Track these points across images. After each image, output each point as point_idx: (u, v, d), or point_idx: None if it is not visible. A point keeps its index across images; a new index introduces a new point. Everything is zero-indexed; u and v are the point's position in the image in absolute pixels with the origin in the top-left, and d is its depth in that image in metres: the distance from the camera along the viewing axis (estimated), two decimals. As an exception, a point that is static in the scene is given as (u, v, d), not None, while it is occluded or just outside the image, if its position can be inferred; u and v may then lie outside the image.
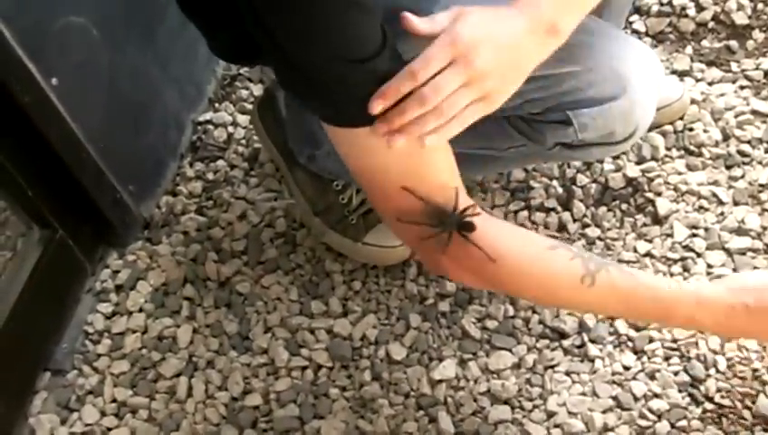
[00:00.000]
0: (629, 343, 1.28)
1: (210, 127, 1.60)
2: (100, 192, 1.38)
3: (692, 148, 1.45)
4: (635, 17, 1.62)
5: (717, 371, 1.25)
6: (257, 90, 1.63)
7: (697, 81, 1.54)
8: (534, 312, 1.32)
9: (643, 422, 1.22)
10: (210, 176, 1.54)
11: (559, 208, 1.41)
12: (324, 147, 1.23)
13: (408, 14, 0.90)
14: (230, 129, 1.59)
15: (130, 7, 1.38)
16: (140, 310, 1.41)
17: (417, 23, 0.90)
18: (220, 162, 1.55)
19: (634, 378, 1.25)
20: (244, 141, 1.57)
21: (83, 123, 1.30)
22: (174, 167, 1.55)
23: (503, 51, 0.90)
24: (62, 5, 1.24)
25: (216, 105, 1.63)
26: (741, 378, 1.24)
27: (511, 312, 1.32)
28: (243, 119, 1.60)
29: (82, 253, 1.43)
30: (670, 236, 1.36)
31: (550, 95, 1.04)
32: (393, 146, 0.91)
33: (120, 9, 1.36)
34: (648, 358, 1.27)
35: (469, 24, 0.89)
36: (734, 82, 1.53)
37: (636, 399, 1.24)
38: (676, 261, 1.35)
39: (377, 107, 0.89)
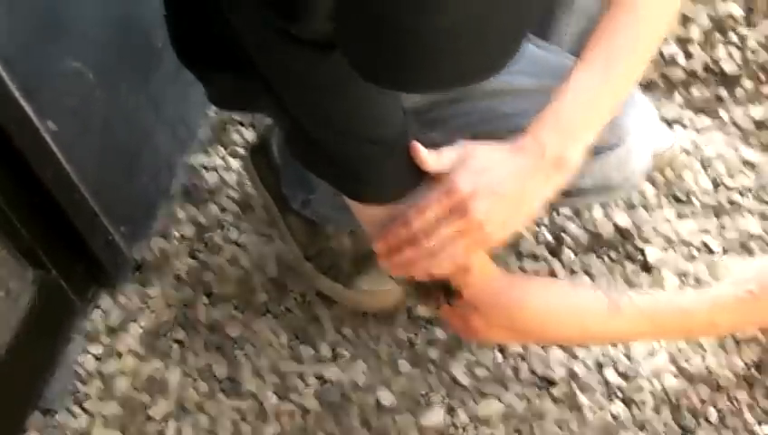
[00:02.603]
0: (619, 393, 1.28)
1: (202, 170, 1.60)
2: (93, 234, 1.39)
3: (681, 196, 1.46)
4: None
5: (708, 422, 1.25)
6: (249, 134, 1.63)
7: (687, 129, 1.54)
8: (523, 359, 1.32)
9: (632, 473, 1.22)
10: (202, 219, 1.54)
11: (548, 256, 1.42)
12: (318, 192, 1.24)
13: (417, 146, 0.92)
14: (222, 173, 1.59)
15: (126, 51, 1.40)
16: (131, 352, 1.41)
17: (425, 156, 0.92)
18: (212, 206, 1.55)
19: (624, 428, 1.25)
20: (235, 185, 1.57)
21: (78, 165, 1.31)
22: (166, 209, 1.55)
23: (503, 199, 0.92)
24: (61, 49, 1.25)
25: (209, 149, 1.63)
26: (732, 429, 1.24)
27: (500, 359, 1.32)
28: (235, 163, 1.60)
29: (75, 293, 1.43)
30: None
31: None
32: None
33: (116, 53, 1.37)
34: (638, 408, 1.26)
35: (470, 170, 0.92)
36: (723, 130, 1.54)
37: (625, 449, 1.24)
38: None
39: (378, 247, 0.97)
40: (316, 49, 0.83)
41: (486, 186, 0.91)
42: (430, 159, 0.92)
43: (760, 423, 1.24)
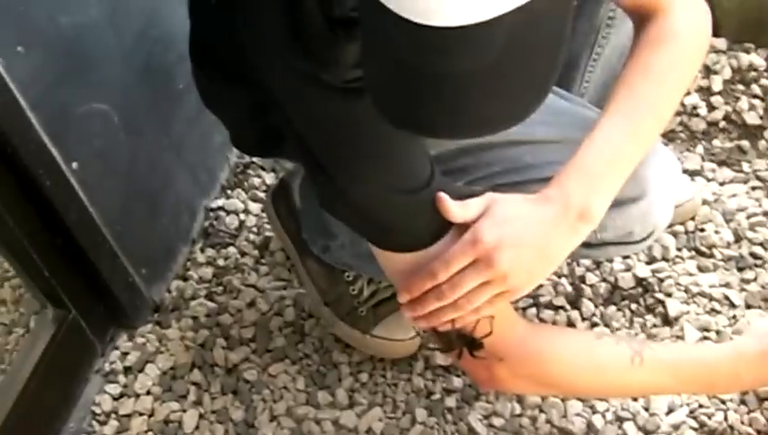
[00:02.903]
0: (638, 448, 1.27)
1: (222, 213, 1.61)
2: (114, 275, 1.40)
3: (703, 249, 1.44)
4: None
5: (727, 480, 1.23)
6: (269, 178, 1.65)
7: (708, 180, 1.54)
8: (541, 411, 1.31)
9: None
10: (221, 262, 1.55)
11: (567, 307, 1.41)
12: (339, 239, 1.24)
13: (444, 197, 0.91)
14: (242, 216, 1.61)
15: (150, 95, 1.42)
16: (148, 393, 1.41)
17: (451, 207, 0.92)
18: (231, 249, 1.56)
19: (642, 484, 1.24)
20: (255, 229, 1.59)
21: (100, 207, 1.32)
22: (185, 252, 1.57)
23: (528, 249, 0.92)
24: (87, 92, 1.27)
25: (229, 192, 1.64)
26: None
27: (518, 410, 1.31)
28: (254, 206, 1.61)
29: (93, 333, 1.43)
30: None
31: None
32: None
33: (140, 96, 1.39)
34: (657, 464, 1.25)
35: (495, 220, 0.91)
36: (745, 182, 1.53)
37: (643, 506, 1.22)
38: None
39: (403, 298, 0.96)
40: (346, 95, 0.84)
41: (511, 237, 0.91)
42: (456, 209, 0.92)
43: (781, 481, 1.22)
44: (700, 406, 1.28)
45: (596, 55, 1.23)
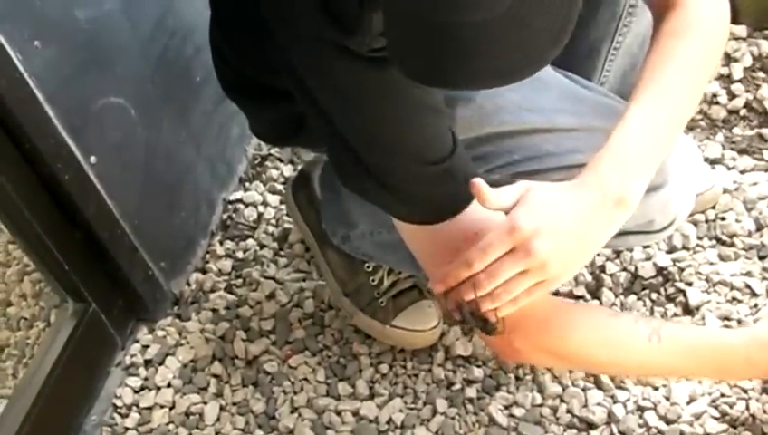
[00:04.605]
0: (659, 437, 1.26)
1: (240, 206, 1.62)
2: (133, 268, 1.40)
3: (724, 238, 1.43)
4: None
5: (749, 468, 1.22)
6: (287, 170, 1.65)
7: (729, 169, 1.52)
8: (562, 401, 1.30)
9: None
10: (240, 254, 1.56)
11: (587, 296, 1.40)
12: (359, 228, 1.24)
13: (479, 183, 0.89)
14: (260, 208, 1.61)
15: (167, 88, 1.42)
16: (168, 385, 1.42)
17: (486, 194, 0.90)
18: (250, 241, 1.57)
19: (664, 472, 1.23)
20: (273, 221, 1.59)
21: (119, 200, 1.33)
22: (204, 245, 1.57)
23: (566, 237, 0.89)
24: (104, 86, 1.28)
25: (247, 184, 1.65)
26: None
27: (538, 400, 1.31)
28: (273, 198, 1.62)
29: (114, 327, 1.44)
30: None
31: None
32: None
33: (157, 90, 1.39)
34: (679, 452, 1.24)
35: (531, 207, 0.89)
36: (766, 170, 1.51)
37: (665, 494, 1.21)
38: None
39: (438, 289, 0.94)
40: (372, 63, 0.85)
41: (549, 224, 0.89)
42: (491, 196, 0.90)
43: (804, 470, 1.21)
44: (722, 395, 1.27)
45: (617, 44, 1.22)
